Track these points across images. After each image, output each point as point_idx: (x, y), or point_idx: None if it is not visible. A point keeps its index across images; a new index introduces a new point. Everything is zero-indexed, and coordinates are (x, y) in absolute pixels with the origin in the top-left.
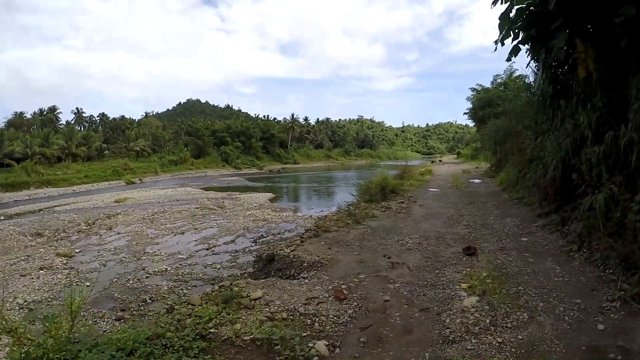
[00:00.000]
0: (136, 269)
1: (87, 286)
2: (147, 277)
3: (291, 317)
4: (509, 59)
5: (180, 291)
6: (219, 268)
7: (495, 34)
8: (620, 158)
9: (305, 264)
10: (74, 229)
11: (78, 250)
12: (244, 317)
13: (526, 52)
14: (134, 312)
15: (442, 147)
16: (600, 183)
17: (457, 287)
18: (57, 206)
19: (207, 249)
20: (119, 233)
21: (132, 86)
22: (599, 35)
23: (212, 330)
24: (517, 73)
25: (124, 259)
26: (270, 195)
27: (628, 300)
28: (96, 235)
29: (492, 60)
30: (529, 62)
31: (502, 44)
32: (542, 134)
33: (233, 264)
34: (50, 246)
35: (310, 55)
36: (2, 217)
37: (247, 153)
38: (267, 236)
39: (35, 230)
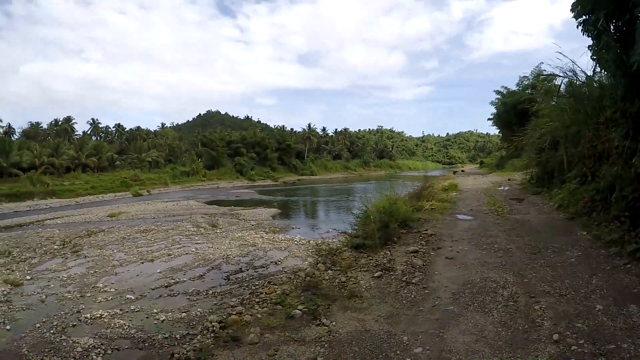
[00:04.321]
0: (71, 311)
1: (8, 330)
2: (74, 325)
3: None
4: None
5: (96, 357)
6: (163, 320)
7: (516, 41)
8: None
9: None
10: (44, 249)
11: (29, 278)
12: None
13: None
14: None
15: (463, 156)
16: None
17: None
18: (49, 219)
19: (166, 287)
20: (85, 257)
21: (152, 98)
22: None
23: None
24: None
25: (68, 293)
26: (275, 211)
27: None
28: (62, 258)
29: (514, 68)
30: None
31: None
32: None
33: (183, 314)
34: (6, 269)
35: (328, 65)
36: None
37: (262, 164)
38: (247, 270)
39: (5, 248)
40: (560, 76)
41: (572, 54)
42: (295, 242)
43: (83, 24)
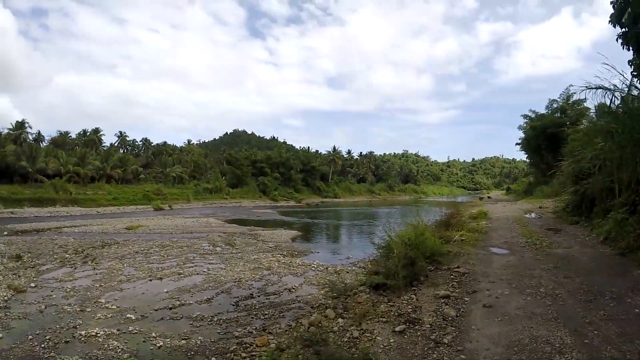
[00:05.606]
0: (67, 326)
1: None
2: (67, 342)
3: None
4: None
5: None
6: (160, 347)
7: (544, 64)
8: None
9: None
10: (56, 256)
11: (33, 285)
12: None
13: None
14: None
15: (488, 182)
16: None
17: None
18: (67, 227)
19: (170, 309)
20: (94, 269)
21: (180, 115)
22: None
23: None
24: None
25: (68, 306)
26: (295, 233)
27: None
28: (71, 267)
29: (542, 92)
30: None
31: None
32: None
33: (182, 342)
34: (13, 274)
35: (356, 87)
36: (5, 233)
37: (286, 185)
38: (258, 296)
39: (18, 252)
40: (609, 89)
41: (597, 77)
42: (313, 268)
43: (116, 40)
